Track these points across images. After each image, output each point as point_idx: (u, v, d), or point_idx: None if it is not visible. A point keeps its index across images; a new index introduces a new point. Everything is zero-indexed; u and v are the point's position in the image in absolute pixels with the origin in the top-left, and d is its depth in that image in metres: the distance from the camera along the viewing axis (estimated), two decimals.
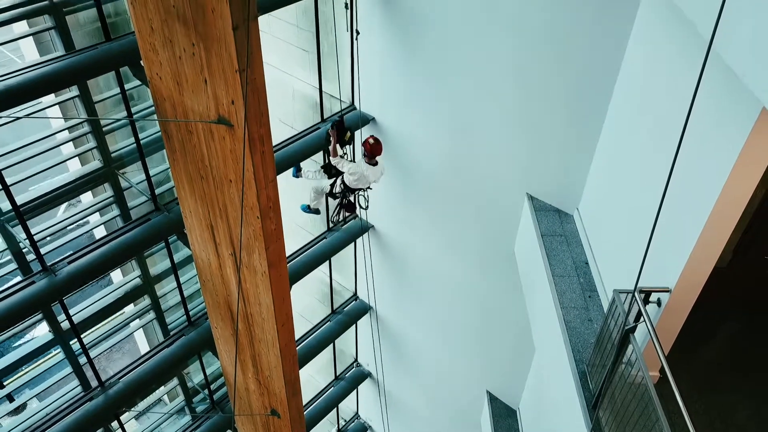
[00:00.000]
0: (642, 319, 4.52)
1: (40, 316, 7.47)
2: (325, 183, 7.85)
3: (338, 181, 7.63)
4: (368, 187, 7.74)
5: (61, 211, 12.17)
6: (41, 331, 9.61)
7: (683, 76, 4.70)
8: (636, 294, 4.54)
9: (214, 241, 6.20)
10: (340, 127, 7.47)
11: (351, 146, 7.82)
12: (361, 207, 7.97)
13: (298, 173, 8.19)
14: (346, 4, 7.27)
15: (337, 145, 7.51)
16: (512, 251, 8.22)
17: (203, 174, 5.57)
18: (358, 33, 7.44)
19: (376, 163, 7.39)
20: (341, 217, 8.05)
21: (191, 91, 4.91)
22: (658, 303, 4.98)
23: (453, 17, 7.25)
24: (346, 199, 7.77)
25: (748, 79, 3.16)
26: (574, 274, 6.57)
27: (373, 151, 7.27)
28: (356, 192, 7.72)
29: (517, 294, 8.09)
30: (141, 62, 5.32)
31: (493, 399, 10.53)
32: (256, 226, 5.33)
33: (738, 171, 4.31)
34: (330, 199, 8.11)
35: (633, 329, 4.57)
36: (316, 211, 8.55)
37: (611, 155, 6.38)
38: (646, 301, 4.86)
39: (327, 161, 7.80)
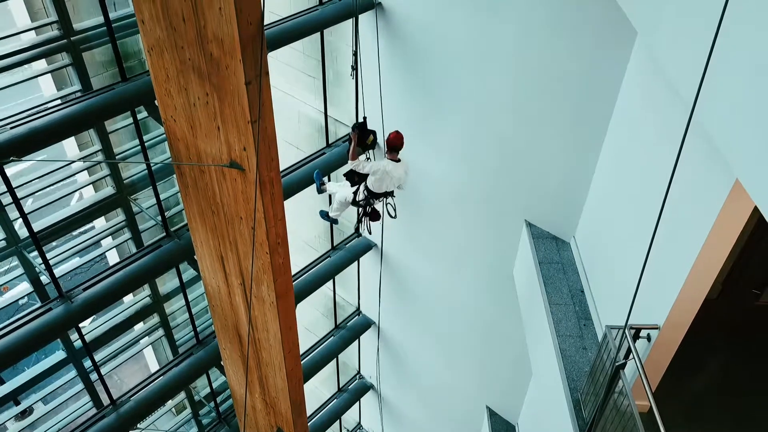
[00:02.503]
0: (631, 356, 4.75)
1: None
2: (350, 192, 7.27)
3: (361, 188, 7.07)
4: (392, 194, 7.17)
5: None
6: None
7: (675, 117, 4.89)
8: (626, 331, 4.78)
9: (224, 271, 6.46)
10: (363, 130, 6.89)
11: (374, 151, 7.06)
12: (390, 216, 7.37)
13: (321, 186, 7.79)
14: (354, 51, 7.13)
15: (358, 149, 6.92)
16: (511, 273, 8.46)
17: (215, 209, 5.83)
18: (353, 69, 7.46)
19: (398, 160, 6.76)
20: (366, 226, 7.41)
21: (204, 135, 5.17)
22: (648, 338, 5.22)
23: (455, 49, 7.49)
24: (371, 206, 7.21)
25: (727, 154, 3.38)
26: (570, 302, 6.80)
27: (394, 142, 6.65)
28: (381, 198, 7.14)
29: (516, 313, 8.31)
30: (156, 102, 5.57)
31: (492, 414, 10.77)
32: (265, 261, 5.60)
33: (727, 210, 4.51)
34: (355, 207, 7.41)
35: (623, 365, 4.81)
36: (335, 221, 8.06)
37: (606, 188, 6.61)
38: (636, 338, 5.09)
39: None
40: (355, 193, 7.11)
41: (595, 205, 6.86)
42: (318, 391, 14.55)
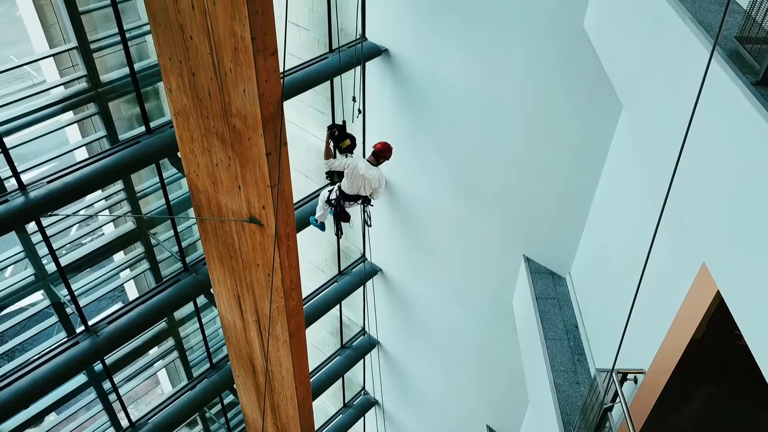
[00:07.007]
0: (618, 399, 5.17)
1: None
2: (327, 191, 7.59)
3: (335, 187, 7.31)
4: (370, 203, 7.35)
5: None
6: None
7: (660, 169, 5.26)
8: (613, 375, 5.20)
9: (240, 308, 6.88)
10: (340, 131, 6.89)
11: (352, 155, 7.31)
12: (367, 225, 7.74)
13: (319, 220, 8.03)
14: (354, 98, 7.66)
15: (336, 150, 7.01)
16: (510, 302, 8.87)
17: (233, 255, 6.26)
18: (360, 112, 7.88)
19: (376, 164, 6.99)
20: (339, 229, 7.69)
21: (226, 192, 5.60)
22: (635, 380, 5.62)
23: (456, 95, 7.91)
24: (341, 207, 7.49)
25: (695, 237, 3.79)
26: (564, 337, 7.21)
27: (382, 152, 6.93)
28: (353, 202, 7.35)
29: (514, 338, 8.70)
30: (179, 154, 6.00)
31: None
32: (279, 304, 6.03)
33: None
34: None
35: (610, 408, 5.22)
36: (322, 226, 8.39)
37: (599, 230, 7.02)
38: (623, 381, 5.51)
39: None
40: (331, 191, 7.42)
41: (588, 245, 7.27)
42: (325, 406, 14.98)
